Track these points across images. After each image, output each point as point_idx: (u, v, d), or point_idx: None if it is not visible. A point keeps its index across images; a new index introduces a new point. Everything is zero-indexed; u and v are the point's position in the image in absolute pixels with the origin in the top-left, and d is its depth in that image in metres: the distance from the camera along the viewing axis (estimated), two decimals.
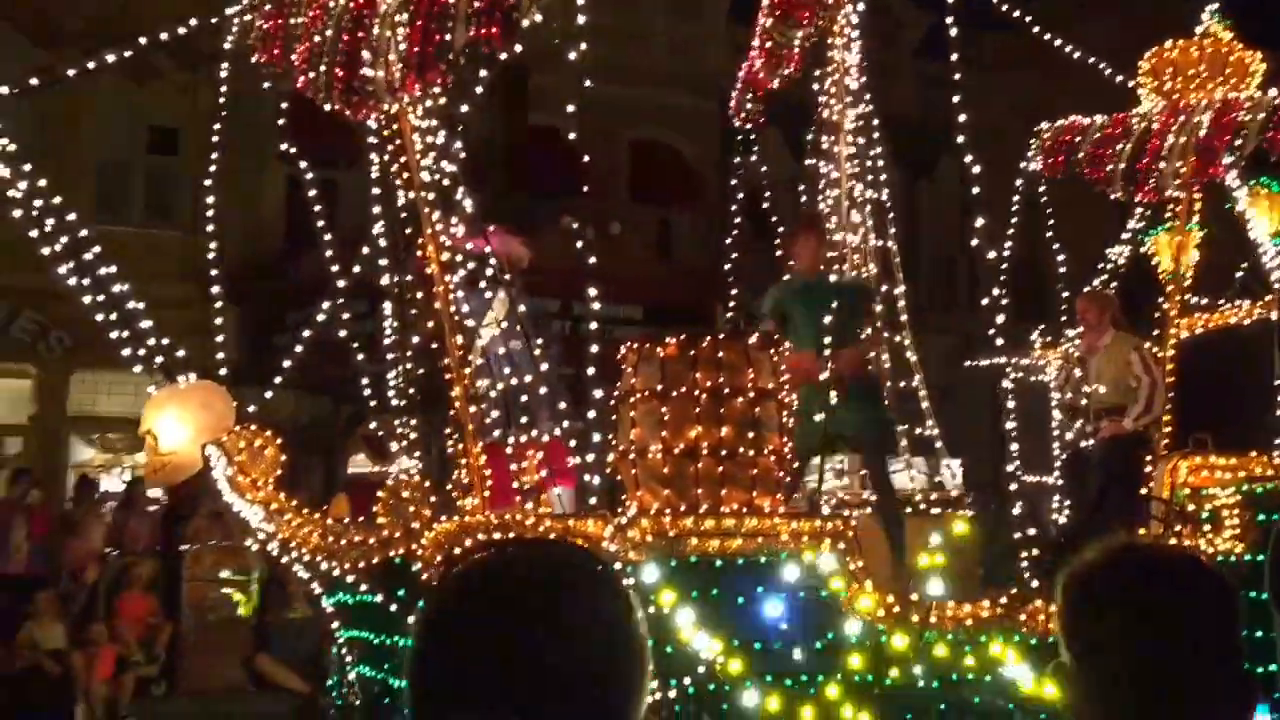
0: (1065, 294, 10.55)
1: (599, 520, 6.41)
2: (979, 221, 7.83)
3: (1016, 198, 10.71)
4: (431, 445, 7.70)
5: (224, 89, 7.76)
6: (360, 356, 8.12)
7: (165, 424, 6.80)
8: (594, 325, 6.47)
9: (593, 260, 6.65)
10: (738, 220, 10.38)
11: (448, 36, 6.85)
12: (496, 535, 6.30)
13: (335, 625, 7.56)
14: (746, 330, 7.25)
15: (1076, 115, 10.40)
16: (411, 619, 1.37)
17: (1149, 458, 8.94)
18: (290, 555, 6.99)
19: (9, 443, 18.55)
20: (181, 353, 7.02)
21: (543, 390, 7.54)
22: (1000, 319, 10.43)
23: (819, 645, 6.35)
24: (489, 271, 7.72)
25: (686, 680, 6.21)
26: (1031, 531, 7.97)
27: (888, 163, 9.52)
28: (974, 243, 8.08)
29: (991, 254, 7.53)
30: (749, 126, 10.00)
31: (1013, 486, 9.08)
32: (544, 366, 7.43)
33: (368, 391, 7.95)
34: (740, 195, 10.69)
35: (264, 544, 7.02)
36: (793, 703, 6.25)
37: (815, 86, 9.19)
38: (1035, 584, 8.00)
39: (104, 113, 17.98)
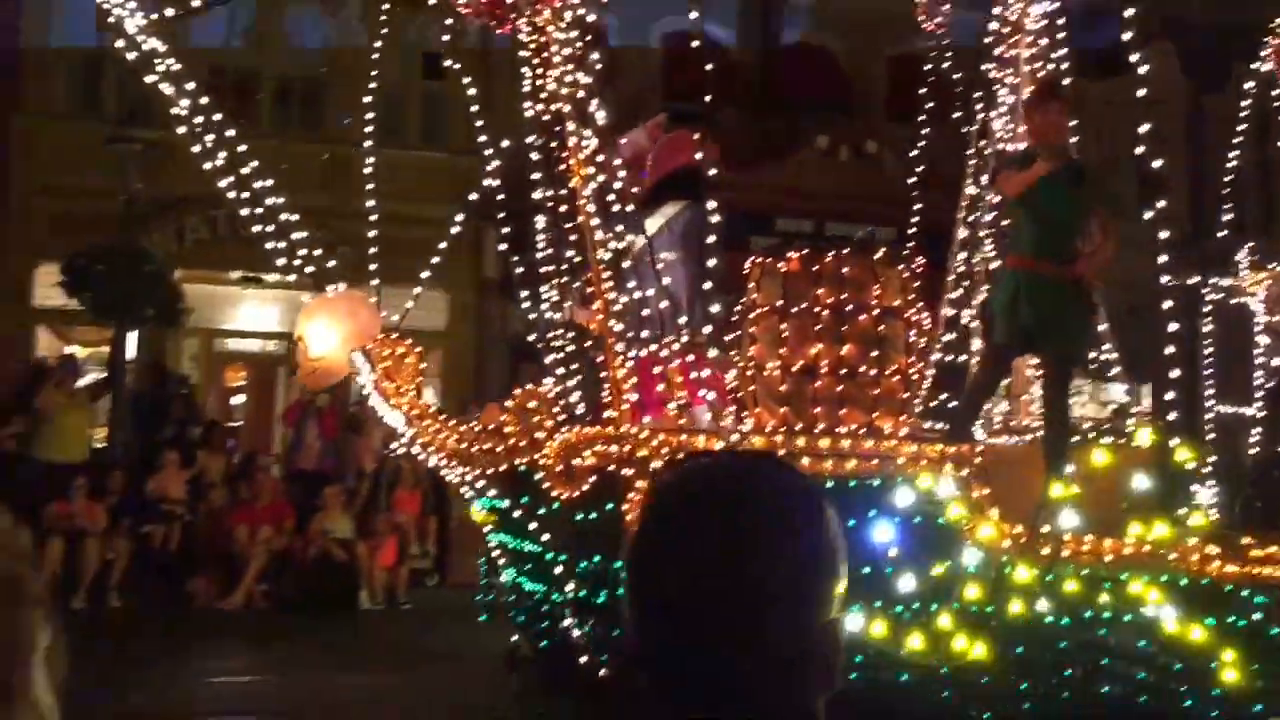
0: None
1: (710, 437, 6.35)
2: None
3: (1247, 103, 9.79)
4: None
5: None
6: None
7: (315, 331, 7.15)
8: (712, 237, 6.34)
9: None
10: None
11: None
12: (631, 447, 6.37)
13: (487, 529, 7.82)
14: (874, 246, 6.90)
15: None
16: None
17: None
18: (431, 459, 7.26)
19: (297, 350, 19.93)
20: (332, 263, 7.34)
21: (687, 302, 7.49)
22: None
23: (933, 573, 6.10)
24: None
25: None
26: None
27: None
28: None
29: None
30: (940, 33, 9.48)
31: (1207, 416, 8.45)
32: (698, 280, 7.34)
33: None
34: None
35: (407, 447, 7.30)
36: (900, 630, 6.06)
37: None
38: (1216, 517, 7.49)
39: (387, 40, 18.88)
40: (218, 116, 6.73)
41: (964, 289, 8.11)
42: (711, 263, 6.61)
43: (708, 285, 6.74)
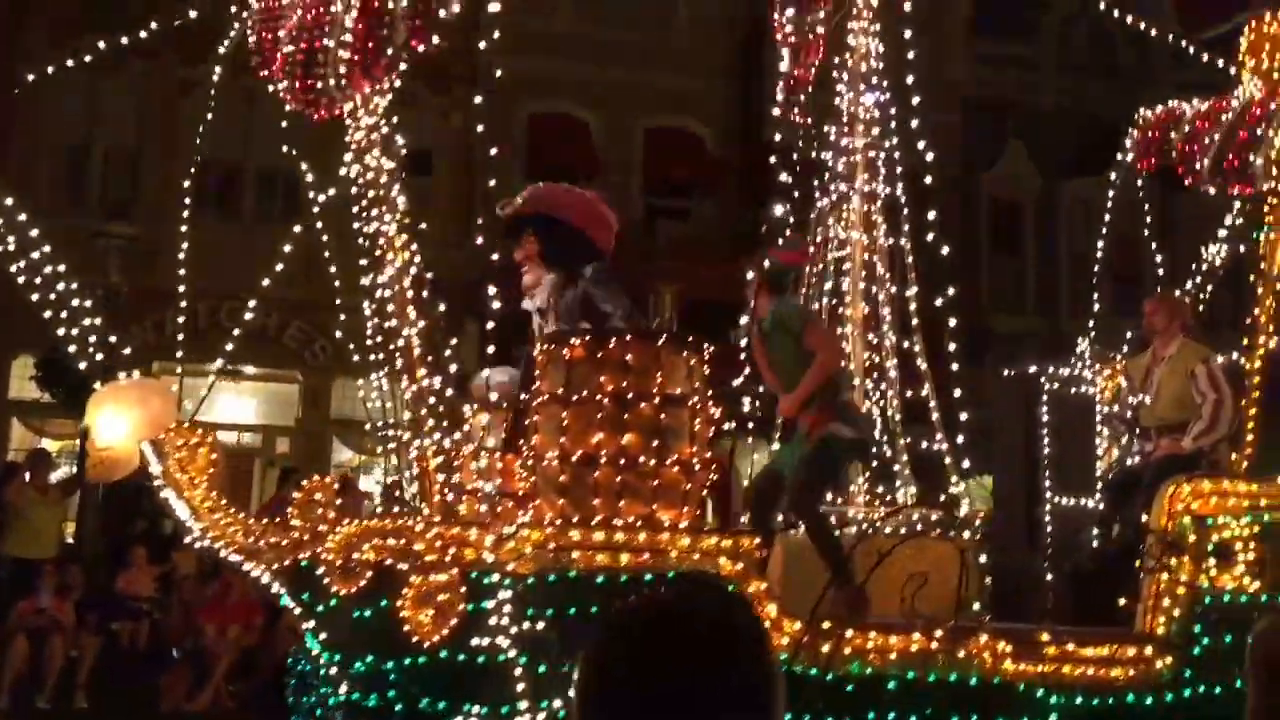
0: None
1: (482, 529, 6.16)
2: None
3: (1112, 193, 9.83)
4: None
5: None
6: None
7: (103, 419, 6.95)
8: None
9: None
10: None
11: (387, 34, 6.87)
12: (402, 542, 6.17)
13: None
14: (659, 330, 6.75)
15: (1175, 100, 9.41)
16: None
17: None
18: (223, 554, 7.03)
19: (279, 442, 19.81)
20: (128, 350, 7.18)
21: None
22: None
23: None
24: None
25: (557, 703, 5.88)
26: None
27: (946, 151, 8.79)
28: None
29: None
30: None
31: (1046, 508, 8.29)
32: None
33: None
34: None
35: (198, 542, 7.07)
36: None
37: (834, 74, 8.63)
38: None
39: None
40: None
41: None
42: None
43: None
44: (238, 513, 7.00)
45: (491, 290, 6.87)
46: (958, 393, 8.34)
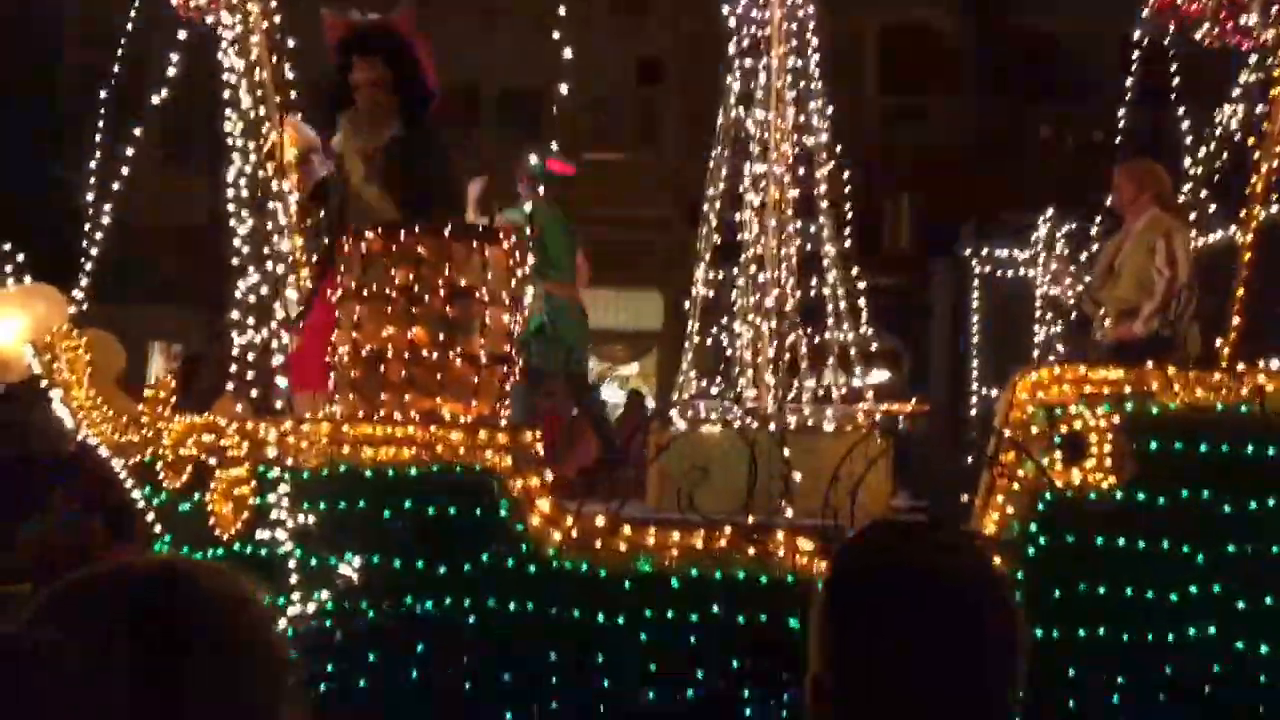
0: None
1: (271, 424, 6.24)
2: None
3: (1136, 54, 8.92)
4: None
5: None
6: None
7: None
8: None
9: None
10: None
11: None
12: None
13: None
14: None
15: None
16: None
17: None
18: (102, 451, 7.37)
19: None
20: (20, 258, 7.54)
21: None
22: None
23: (470, 566, 5.81)
24: None
25: (325, 595, 5.94)
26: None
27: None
28: None
29: None
30: None
31: (972, 400, 7.76)
32: None
33: None
34: None
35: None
36: (435, 624, 5.80)
37: None
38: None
39: (598, 47, 19.30)
40: None
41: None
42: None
43: None
44: (111, 413, 7.31)
45: None
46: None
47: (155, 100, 6.86)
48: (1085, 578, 5.85)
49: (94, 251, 7.31)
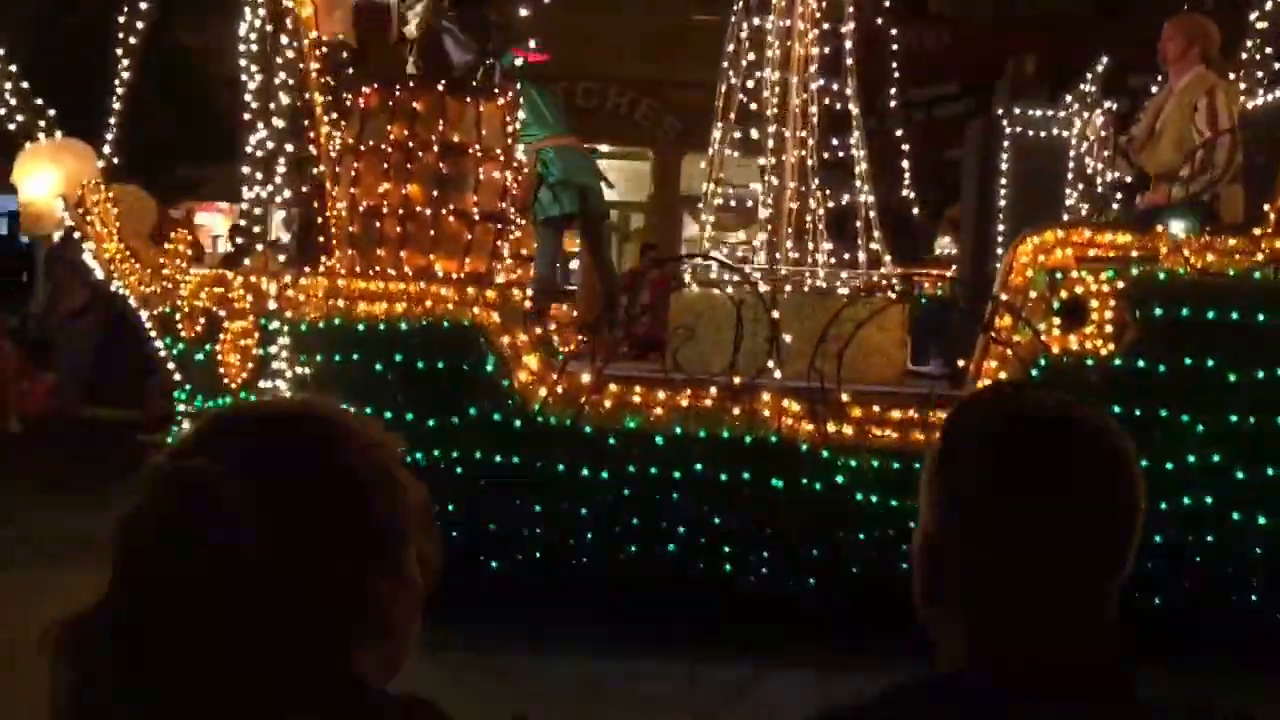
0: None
1: (272, 278, 6.36)
2: None
3: None
4: None
5: None
6: None
7: (26, 177, 7.58)
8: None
9: None
10: None
11: None
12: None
13: None
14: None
15: None
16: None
17: None
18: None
19: (633, 219, 20.92)
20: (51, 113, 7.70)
21: None
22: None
23: (458, 420, 5.91)
24: None
25: None
26: None
27: None
28: None
29: None
30: None
31: (996, 265, 7.56)
32: None
33: None
34: None
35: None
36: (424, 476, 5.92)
37: None
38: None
39: None
40: None
41: None
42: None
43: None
44: (138, 265, 7.52)
45: None
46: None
47: None
48: None
49: (117, 107, 7.43)
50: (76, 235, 7.68)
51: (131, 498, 1.09)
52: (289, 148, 6.32)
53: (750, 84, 7.80)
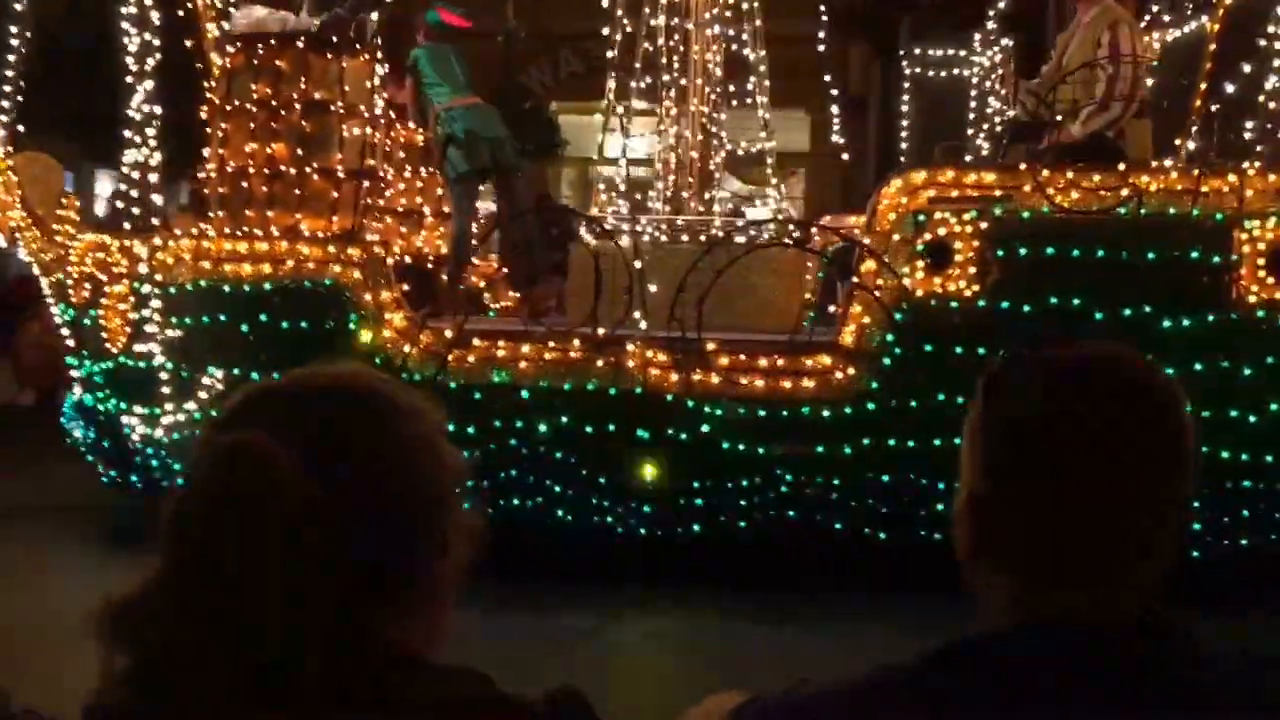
0: None
1: (141, 239, 6.37)
2: None
3: None
4: None
5: None
6: None
7: None
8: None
9: None
10: None
11: None
12: None
13: None
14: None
15: None
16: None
17: None
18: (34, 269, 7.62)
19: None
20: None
21: None
22: None
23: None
24: None
25: (191, 405, 6.14)
26: None
27: None
28: None
29: None
30: None
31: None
32: None
33: None
34: None
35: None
36: None
37: None
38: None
39: None
40: None
41: None
42: None
43: None
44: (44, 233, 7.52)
45: None
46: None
47: None
48: (945, 388, 5.68)
49: (9, 74, 7.41)
50: None
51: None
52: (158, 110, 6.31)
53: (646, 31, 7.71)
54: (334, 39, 6.20)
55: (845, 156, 9.21)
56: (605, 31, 7.51)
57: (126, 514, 6.26)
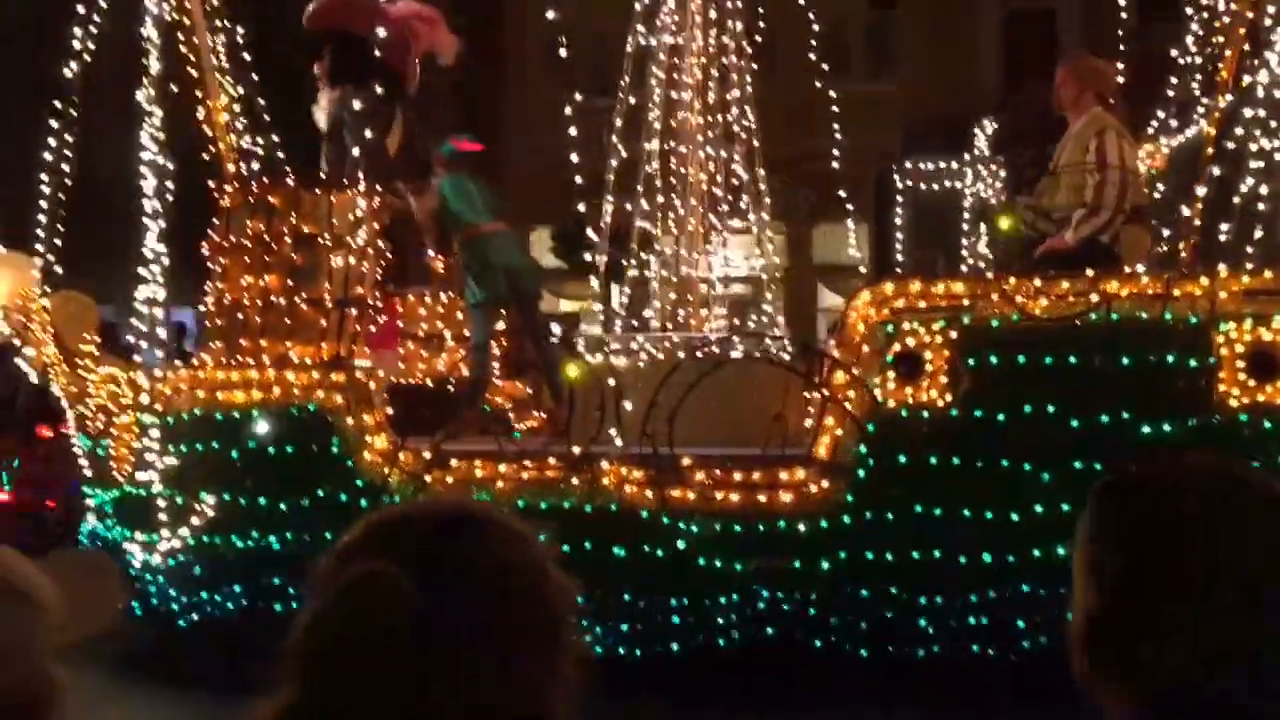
0: None
1: (146, 374, 6.63)
2: None
3: None
4: None
5: None
6: None
7: None
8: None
9: None
10: None
11: None
12: None
13: None
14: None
15: None
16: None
17: None
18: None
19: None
20: None
21: None
22: None
23: (309, 502, 6.06)
24: None
25: (184, 531, 6.30)
26: None
27: None
28: None
29: None
30: None
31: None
32: None
33: None
34: None
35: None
36: (283, 559, 6.09)
37: None
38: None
39: None
40: None
41: None
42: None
43: None
44: (65, 365, 7.86)
45: None
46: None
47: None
48: (920, 500, 5.63)
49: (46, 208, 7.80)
50: (17, 342, 8.07)
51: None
52: None
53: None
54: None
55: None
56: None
57: (135, 641, 6.42)
